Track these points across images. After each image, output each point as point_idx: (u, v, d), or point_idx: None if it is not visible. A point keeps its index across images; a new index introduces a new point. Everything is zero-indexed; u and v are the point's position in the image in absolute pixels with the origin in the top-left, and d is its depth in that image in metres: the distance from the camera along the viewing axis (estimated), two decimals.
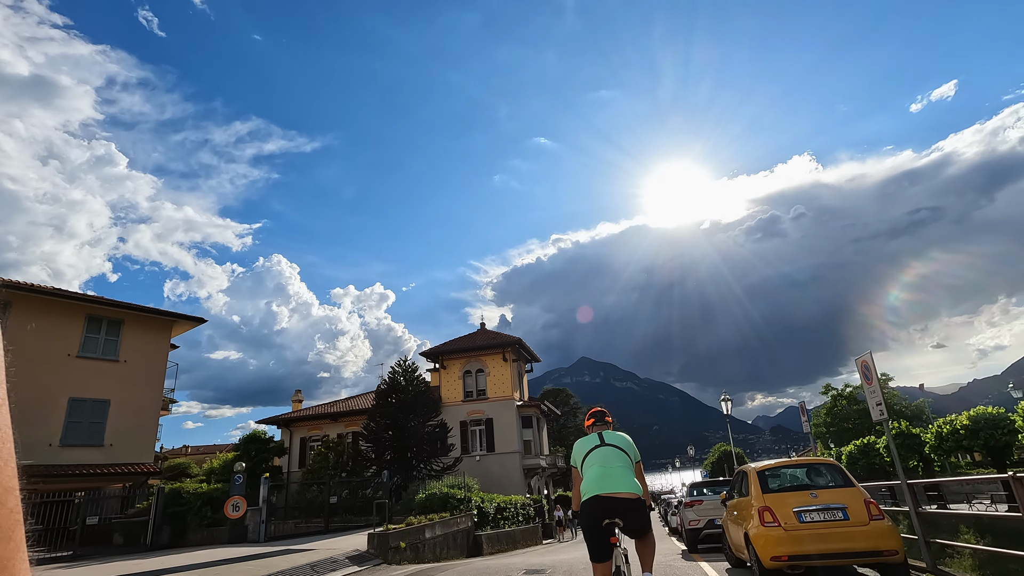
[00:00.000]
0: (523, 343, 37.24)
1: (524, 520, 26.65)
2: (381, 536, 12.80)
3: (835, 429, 55.15)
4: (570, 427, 70.55)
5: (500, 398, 35.87)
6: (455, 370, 37.36)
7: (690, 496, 13.20)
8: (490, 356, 37.01)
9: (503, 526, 22.58)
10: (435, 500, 19.17)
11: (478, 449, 35.50)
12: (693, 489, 13.52)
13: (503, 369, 36.50)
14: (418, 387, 28.27)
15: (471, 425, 36.00)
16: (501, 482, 33.50)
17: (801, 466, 8.09)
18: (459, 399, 36.63)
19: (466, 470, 34.89)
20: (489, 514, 20.94)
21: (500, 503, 22.97)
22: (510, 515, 24.04)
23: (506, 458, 34.54)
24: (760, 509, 7.08)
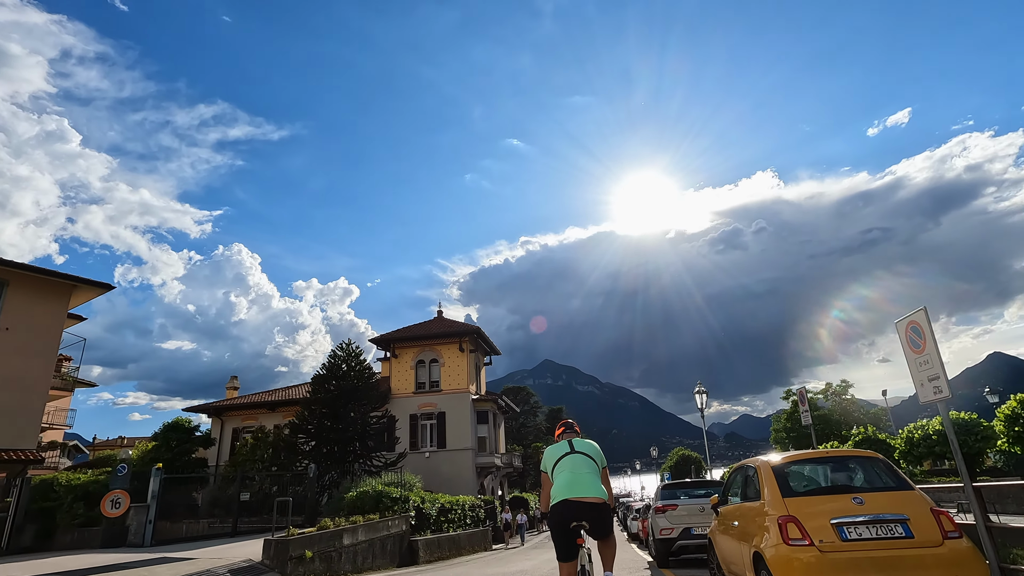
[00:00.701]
0: (482, 333, 34.80)
1: (473, 523, 24.22)
2: (280, 543, 10.17)
3: (795, 435, 54.66)
4: (529, 426, 68.44)
5: (454, 391, 33.33)
6: (407, 359, 34.61)
7: (662, 499, 11.01)
8: (446, 345, 34.42)
9: (447, 530, 20.10)
10: (366, 499, 16.57)
11: (428, 445, 32.86)
12: (665, 491, 11.30)
13: (459, 360, 33.97)
14: (362, 374, 25.47)
15: (422, 419, 33.33)
16: (451, 481, 30.97)
17: (833, 460, 5.91)
18: (410, 391, 33.90)
19: (412, 467, 32.24)
20: (430, 516, 18.43)
21: (445, 504, 20.48)
22: (456, 517, 21.58)
23: (458, 455, 32.02)
24: (782, 520, 4.88)
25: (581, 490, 4.36)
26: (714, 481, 11.93)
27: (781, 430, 53.23)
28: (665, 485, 11.92)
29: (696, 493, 10.98)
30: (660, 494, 11.38)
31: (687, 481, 12.53)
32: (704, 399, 15.63)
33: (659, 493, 11.55)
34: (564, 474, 4.53)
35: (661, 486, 11.85)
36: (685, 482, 12.36)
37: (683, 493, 11.13)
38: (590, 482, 4.44)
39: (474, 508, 25.24)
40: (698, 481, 12.36)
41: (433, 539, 17.42)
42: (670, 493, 11.25)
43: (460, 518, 22.23)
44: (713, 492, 10.93)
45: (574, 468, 4.53)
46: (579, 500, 4.31)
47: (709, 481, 12.03)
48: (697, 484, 11.96)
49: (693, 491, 11.16)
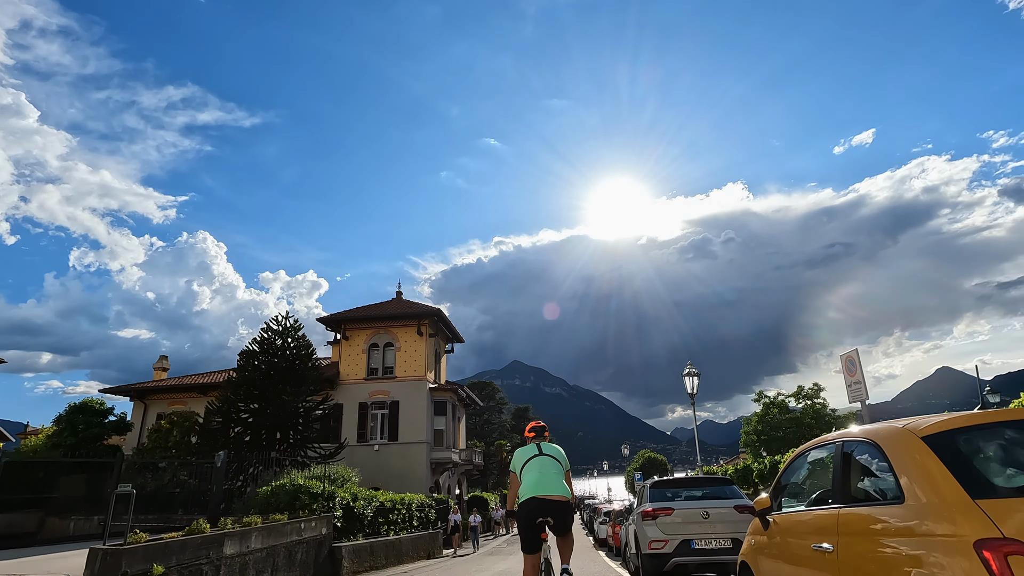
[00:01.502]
0: (443, 316, 31.75)
1: (421, 525, 21.18)
2: (110, 556, 7.03)
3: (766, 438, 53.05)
4: (494, 423, 65.59)
5: (410, 378, 30.20)
6: (359, 342, 31.29)
7: (652, 501, 8.24)
8: (403, 328, 31.24)
9: (386, 533, 17.04)
10: (282, 495, 13.41)
11: (378, 437, 29.64)
12: (656, 491, 8.50)
13: (417, 344, 30.85)
14: (300, 351, 22.14)
15: (372, 408, 30.09)
16: (402, 477, 27.85)
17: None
18: (361, 376, 30.60)
19: (360, 461, 28.95)
20: (364, 517, 15.36)
21: (386, 502, 17.42)
22: (400, 519, 18.53)
23: (411, 449, 28.91)
24: (990, 550, 2.12)
25: (547, 489, 4.92)
26: (721, 478, 9.19)
27: (752, 433, 51.69)
28: (657, 482, 9.05)
29: (697, 493, 8.29)
30: (649, 494, 8.54)
31: (685, 478, 9.65)
32: (695, 382, 13.03)
33: (647, 492, 8.71)
34: (532, 474, 5.05)
35: (650, 484, 8.98)
36: (683, 479, 9.60)
37: (680, 493, 8.41)
38: (555, 482, 4.99)
39: (424, 508, 22.20)
40: (701, 478, 9.50)
41: (364, 545, 14.34)
42: (662, 493, 8.47)
43: (405, 519, 19.18)
44: (722, 492, 8.25)
45: (542, 469, 5.06)
46: (545, 497, 4.88)
47: (715, 478, 9.23)
48: (698, 482, 9.16)
49: (693, 490, 8.45)
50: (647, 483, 9.07)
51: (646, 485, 9.00)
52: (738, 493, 8.17)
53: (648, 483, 8.97)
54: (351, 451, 28.91)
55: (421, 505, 21.97)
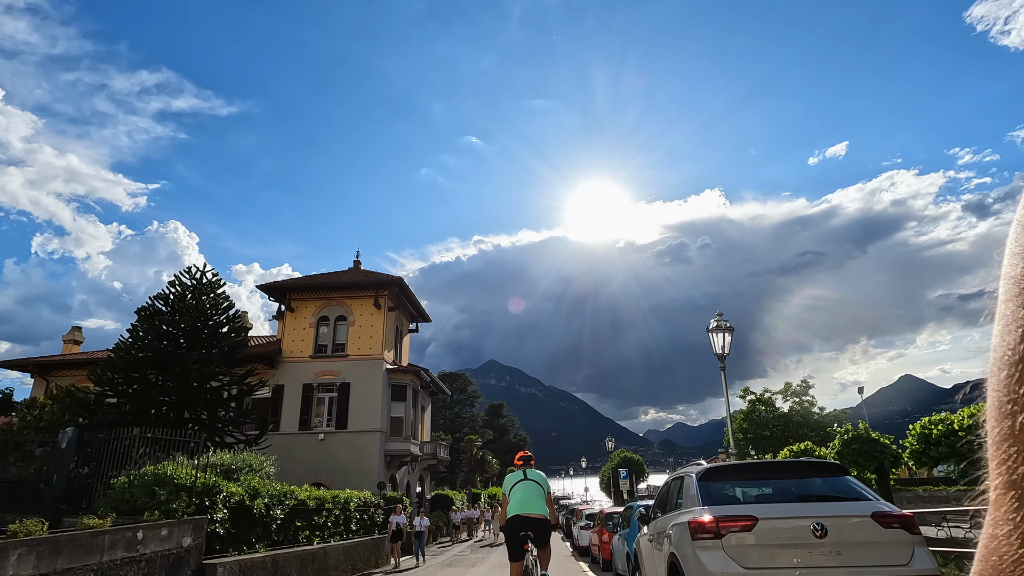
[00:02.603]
0: (406, 287, 27.66)
1: (363, 529, 17.16)
2: None
3: (752, 436, 50.11)
4: (465, 417, 61.57)
5: (365, 357, 26.07)
6: (306, 314, 27.02)
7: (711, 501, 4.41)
8: (358, 299, 27.07)
9: (308, 540, 13.00)
10: (140, 489, 9.30)
11: (324, 423, 25.43)
12: (719, 484, 4.72)
13: (374, 319, 26.73)
14: (218, 312, 17.87)
15: (319, 390, 25.86)
16: (350, 471, 23.77)
17: None
18: (307, 354, 26.34)
19: (300, 451, 24.76)
20: (272, 520, 11.31)
21: (308, 500, 13.38)
22: (330, 521, 14.50)
23: (362, 439, 24.79)
24: None
25: (529, 508, 6.03)
26: (823, 462, 4.86)
27: (737, 430, 48.89)
28: (713, 471, 5.01)
29: (790, 488, 4.50)
30: (699, 489, 4.62)
31: (763, 461, 5.36)
32: (726, 340, 9.37)
33: (692, 487, 4.80)
34: (518, 496, 6.16)
35: (698, 472, 4.87)
36: (759, 463, 5.46)
37: (760, 489, 4.62)
38: (537, 503, 6.09)
39: (368, 508, 18.16)
40: (792, 462, 5.20)
41: (263, 560, 10.28)
42: (725, 489, 4.62)
43: (338, 522, 15.13)
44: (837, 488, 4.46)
45: (525, 492, 6.18)
46: (527, 516, 5.99)
47: (814, 462, 4.83)
48: (789, 467, 5.03)
49: (783, 482, 4.62)
50: (690, 471, 5.19)
51: (689, 476, 5.10)
52: (861, 490, 4.42)
53: (693, 471, 5.09)
54: (291, 440, 24.72)
55: (365, 504, 17.94)
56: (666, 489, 6.22)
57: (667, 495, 5.97)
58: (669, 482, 6.15)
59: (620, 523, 11.91)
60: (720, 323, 9.77)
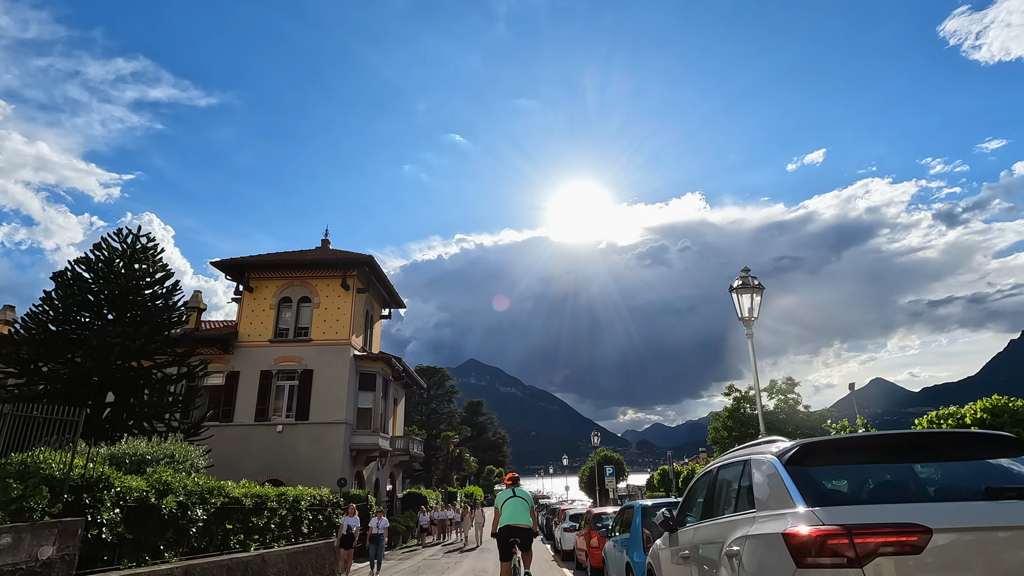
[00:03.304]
0: (376, 266, 25.42)
1: (316, 531, 15.03)
2: None
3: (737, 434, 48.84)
4: (443, 413, 59.30)
5: (330, 342, 23.80)
6: (266, 295, 24.63)
7: (820, 501, 2.52)
8: (324, 279, 24.77)
9: (243, 546, 10.86)
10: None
11: (283, 414, 23.10)
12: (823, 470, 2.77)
13: (341, 301, 24.47)
14: (151, 283, 15.50)
15: (278, 378, 23.51)
16: (311, 466, 21.54)
17: None
18: (266, 338, 23.97)
19: (255, 444, 22.41)
20: (191, 522, 9.14)
21: (244, 498, 11.21)
22: (271, 523, 12.36)
23: (325, 431, 22.54)
24: None
25: (517, 520, 7.82)
26: (990, 435, 3.10)
27: (721, 428, 47.68)
28: (808, 449, 2.94)
29: (961, 477, 2.66)
30: (802, 481, 2.65)
31: (916, 434, 3.08)
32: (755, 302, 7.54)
33: (792, 476, 2.81)
34: (508, 509, 7.93)
35: (787, 453, 2.81)
36: (907, 435, 3.23)
37: (923, 475, 2.65)
38: (523, 515, 7.88)
39: (324, 507, 16.01)
40: (943, 433, 3.48)
41: (166, 572, 8.11)
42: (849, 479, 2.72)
43: (284, 524, 12.98)
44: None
45: (514, 506, 7.94)
46: (516, 525, 7.77)
47: (973, 434, 3.08)
48: (942, 440, 3.05)
49: (959, 467, 2.72)
50: (761, 452, 3.23)
51: (762, 458, 3.13)
52: None
53: (769, 450, 3.13)
54: (245, 432, 22.38)
55: (321, 503, 15.79)
56: (708, 481, 4.26)
57: (714, 490, 4.03)
58: (714, 471, 4.18)
59: (615, 526, 10.01)
60: (747, 280, 7.88)
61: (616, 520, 10.27)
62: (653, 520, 8.35)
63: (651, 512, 8.42)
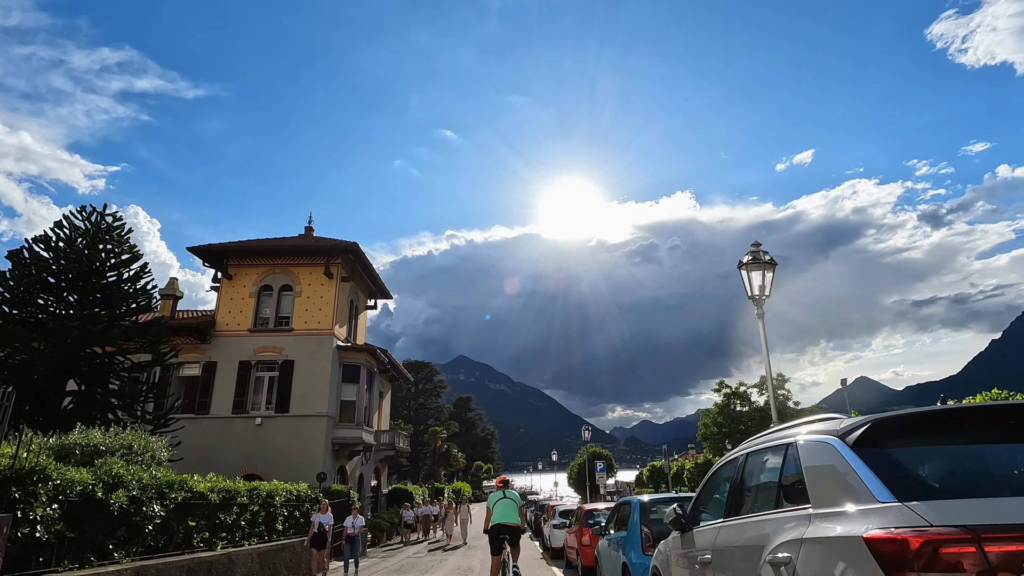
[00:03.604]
0: (361, 254, 24.53)
1: (292, 529, 14.22)
2: None
3: (727, 430, 48.57)
4: (430, 408, 58.44)
5: (312, 332, 22.92)
6: (246, 282, 23.66)
7: (893, 482, 1.88)
8: (306, 267, 23.85)
9: (208, 545, 10.04)
10: None
11: (263, 406, 22.20)
12: None
13: (324, 289, 23.58)
14: (116, 264, 14.55)
15: (258, 369, 22.59)
16: (293, 461, 20.69)
17: None
18: (245, 328, 23.03)
19: (233, 437, 21.52)
20: (149, 518, 8.32)
21: (209, 493, 10.37)
22: (241, 520, 11.55)
23: (307, 424, 21.68)
24: None
25: (507, 519, 8.57)
26: None
27: (712, 424, 47.34)
28: (883, 425, 2.23)
29: None
30: (882, 467, 1.98)
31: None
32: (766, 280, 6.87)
33: (862, 460, 2.12)
34: (499, 509, 8.68)
35: (854, 432, 2.01)
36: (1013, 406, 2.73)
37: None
38: (512, 515, 8.63)
39: (301, 503, 15.21)
40: None
41: (114, 573, 7.29)
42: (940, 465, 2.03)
43: (255, 520, 12.17)
44: None
45: (504, 507, 8.70)
46: (505, 524, 8.52)
47: None
48: None
49: None
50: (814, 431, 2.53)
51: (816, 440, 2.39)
52: None
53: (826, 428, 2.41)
54: (222, 425, 21.47)
55: (298, 499, 14.98)
56: (732, 472, 3.51)
57: (741, 483, 3.30)
58: (741, 459, 3.43)
59: (609, 524, 9.32)
60: (757, 255, 7.19)
61: (610, 517, 9.58)
62: (654, 517, 7.68)
63: (650, 508, 7.74)
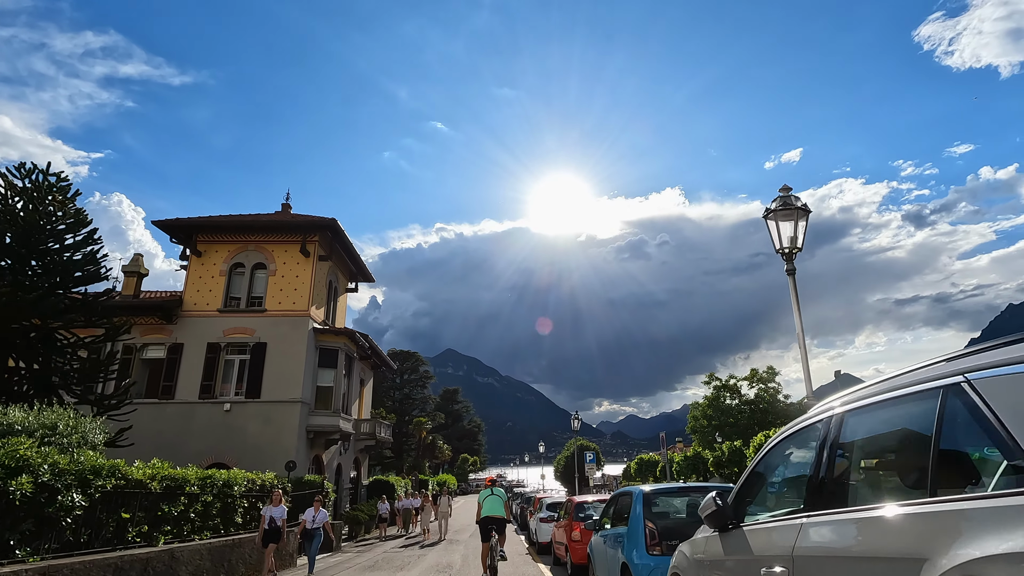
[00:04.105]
0: (340, 231, 23.14)
1: (254, 522, 12.96)
2: None
3: (717, 423, 47.86)
4: (415, 399, 57.12)
5: (287, 313, 21.56)
6: (217, 260, 22.21)
7: None
8: (281, 244, 22.44)
9: (143, 540, 8.77)
10: None
11: (232, 391, 20.84)
12: None
13: (300, 269, 22.20)
14: (58, 226, 13.11)
15: (227, 351, 21.20)
16: (262, 449, 19.40)
17: None
18: (215, 308, 21.60)
19: (199, 424, 20.17)
20: (67, 509, 7.05)
21: (148, 480, 9.09)
22: (191, 512, 10.28)
23: (279, 410, 20.36)
24: None
25: (494, 512, 10.00)
26: None
27: (701, 417, 46.53)
28: None
29: None
30: None
31: None
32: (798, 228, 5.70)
33: None
34: (487, 504, 10.11)
35: None
36: None
37: None
38: (499, 508, 10.11)
39: (265, 494, 13.92)
40: None
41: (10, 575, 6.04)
42: None
43: (208, 513, 10.89)
44: None
45: (492, 502, 10.16)
46: (493, 516, 9.96)
47: None
48: None
49: None
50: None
51: None
52: None
53: None
54: (189, 410, 20.11)
55: (261, 489, 13.71)
56: (814, 442, 2.30)
57: (831, 462, 2.03)
58: (831, 421, 2.16)
59: (604, 518, 8.19)
60: (787, 200, 6.06)
61: (605, 510, 8.45)
62: (658, 511, 6.56)
63: (654, 500, 6.61)
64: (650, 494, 6.63)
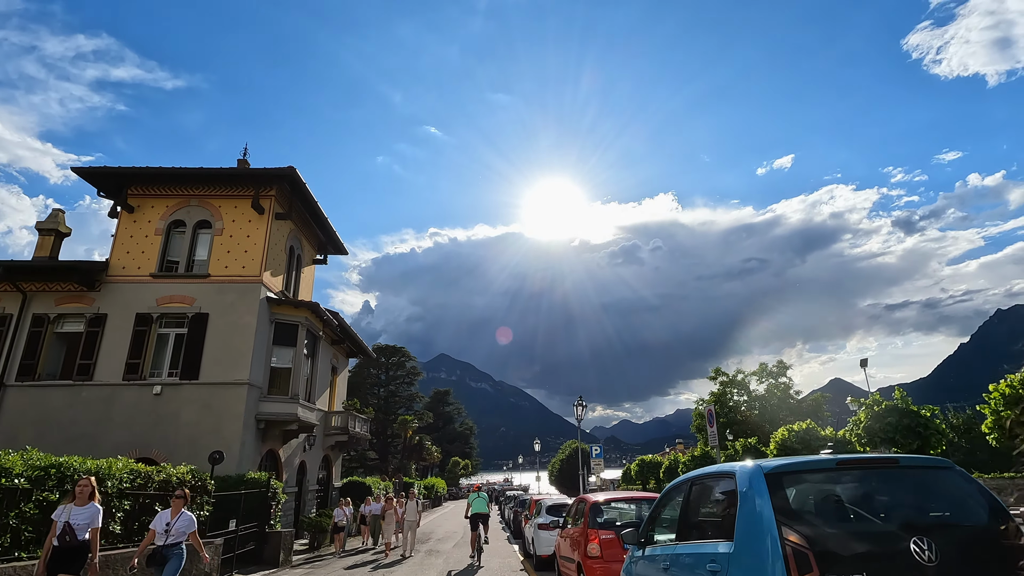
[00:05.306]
0: (300, 183, 19.55)
1: (131, 531, 9.41)
2: None
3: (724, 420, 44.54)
4: (402, 396, 53.32)
5: (235, 278, 18.01)
6: (152, 217, 18.64)
7: None
8: (230, 199, 18.90)
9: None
10: None
11: (164, 371, 17.21)
12: None
13: (252, 227, 18.67)
14: None
15: (161, 323, 17.60)
16: (199, 440, 15.88)
17: None
18: (147, 272, 18.02)
19: (125, 408, 16.55)
20: None
21: None
22: (37, 516, 6.73)
23: (221, 393, 16.75)
24: None
25: (480, 509, 14.47)
26: None
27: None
28: None
29: None
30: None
31: None
32: None
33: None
34: (475, 504, 14.61)
35: None
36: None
37: None
38: (483, 507, 14.55)
39: (167, 493, 10.36)
40: None
41: None
42: None
43: (49, 519, 7.35)
44: None
45: (479, 501, 14.69)
46: (479, 512, 14.39)
47: None
48: None
49: None
50: None
51: None
52: None
53: None
54: (110, 393, 16.53)
55: (163, 487, 10.17)
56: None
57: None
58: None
59: (656, 525, 4.72)
60: None
61: (655, 511, 4.91)
62: (796, 507, 3.13)
63: (787, 487, 3.17)
64: (779, 474, 3.18)
